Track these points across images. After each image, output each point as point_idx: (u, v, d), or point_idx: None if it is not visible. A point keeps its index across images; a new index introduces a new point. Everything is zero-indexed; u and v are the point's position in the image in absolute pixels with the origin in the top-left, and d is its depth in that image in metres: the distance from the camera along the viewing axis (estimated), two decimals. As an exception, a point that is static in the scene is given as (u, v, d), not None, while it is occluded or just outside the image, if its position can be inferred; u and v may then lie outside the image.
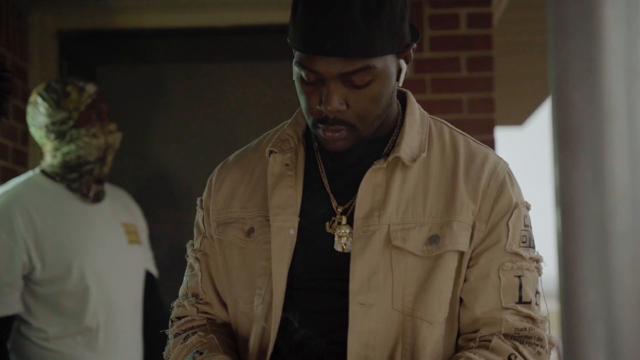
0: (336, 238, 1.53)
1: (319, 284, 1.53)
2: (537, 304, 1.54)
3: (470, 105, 3.33)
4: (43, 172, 2.69)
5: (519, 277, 1.52)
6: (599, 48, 0.95)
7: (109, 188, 2.80)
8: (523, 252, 1.53)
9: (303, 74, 1.48)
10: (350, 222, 1.53)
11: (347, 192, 1.55)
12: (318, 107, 1.48)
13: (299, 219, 1.54)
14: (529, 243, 1.55)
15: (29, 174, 2.73)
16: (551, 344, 1.54)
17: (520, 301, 1.52)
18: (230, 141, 3.21)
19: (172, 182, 3.55)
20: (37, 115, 2.67)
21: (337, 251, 1.53)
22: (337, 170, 1.57)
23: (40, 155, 3.33)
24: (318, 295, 1.53)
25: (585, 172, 0.94)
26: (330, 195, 1.56)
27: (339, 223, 1.54)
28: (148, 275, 2.83)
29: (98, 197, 2.72)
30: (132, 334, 2.74)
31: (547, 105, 6.09)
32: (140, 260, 2.80)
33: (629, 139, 0.94)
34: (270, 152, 1.58)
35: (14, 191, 2.65)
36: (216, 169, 1.68)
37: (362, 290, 1.48)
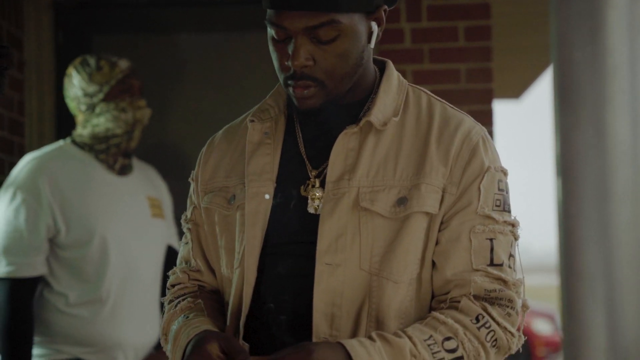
0: (309, 201, 1.57)
1: (292, 247, 1.57)
2: (509, 267, 1.55)
3: (468, 75, 3.32)
4: (73, 141, 2.79)
5: (491, 239, 1.53)
6: (601, 6, 0.94)
7: (137, 163, 2.90)
8: (496, 215, 1.54)
9: (273, 32, 1.53)
10: (323, 186, 1.56)
11: (322, 157, 1.59)
12: (286, 63, 1.52)
13: (275, 184, 1.59)
14: (503, 207, 1.56)
15: (60, 142, 2.83)
16: (525, 307, 1.56)
17: (491, 263, 1.53)
18: (230, 112, 3.19)
19: (170, 153, 3.54)
20: (71, 87, 2.78)
21: (309, 213, 1.56)
22: (313, 135, 1.62)
23: (36, 125, 3.33)
24: (290, 258, 1.57)
25: (587, 130, 0.94)
26: (306, 160, 1.61)
27: (313, 186, 1.58)
28: (170, 250, 2.89)
29: (124, 170, 2.81)
30: (149, 305, 2.80)
31: (544, 78, 6.08)
32: (162, 234, 2.87)
33: (631, 97, 0.94)
34: (251, 121, 1.63)
35: (43, 157, 2.74)
36: (207, 143, 1.75)
37: (330, 251, 1.52)
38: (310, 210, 1.57)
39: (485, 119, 3.36)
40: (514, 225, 1.57)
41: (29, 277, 2.66)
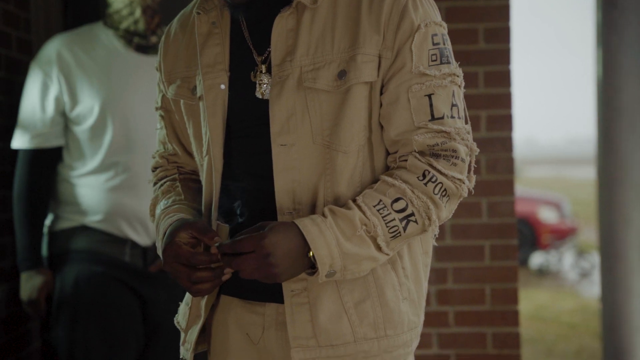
0: (257, 86, 1.61)
1: (249, 130, 1.62)
2: (452, 117, 1.57)
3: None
4: (104, 21, 2.81)
5: (429, 95, 1.56)
6: None
7: None
8: (432, 71, 1.56)
9: None
10: (270, 71, 1.61)
11: (265, 42, 1.63)
12: None
13: (228, 73, 1.64)
14: (440, 60, 1.57)
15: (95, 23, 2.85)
16: (472, 150, 1.59)
17: (432, 118, 1.56)
18: None
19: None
20: None
21: (259, 98, 1.61)
22: (254, 21, 1.65)
23: (42, -1, 3.26)
24: (249, 140, 1.63)
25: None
26: (251, 46, 1.64)
27: (261, 72, 1.62)
28: None
29: (143, 49, 2.80)
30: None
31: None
32: None
33: None
34: (197, 13, 1.67)
35: (64, 34, 2.77)
36: (165, 32, 1.79)
37: (282, 132, 1.57)
38: (258, 95, 1.61)
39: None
40: (454, 74, 1.58)
41: (44, 148, 2.73)
